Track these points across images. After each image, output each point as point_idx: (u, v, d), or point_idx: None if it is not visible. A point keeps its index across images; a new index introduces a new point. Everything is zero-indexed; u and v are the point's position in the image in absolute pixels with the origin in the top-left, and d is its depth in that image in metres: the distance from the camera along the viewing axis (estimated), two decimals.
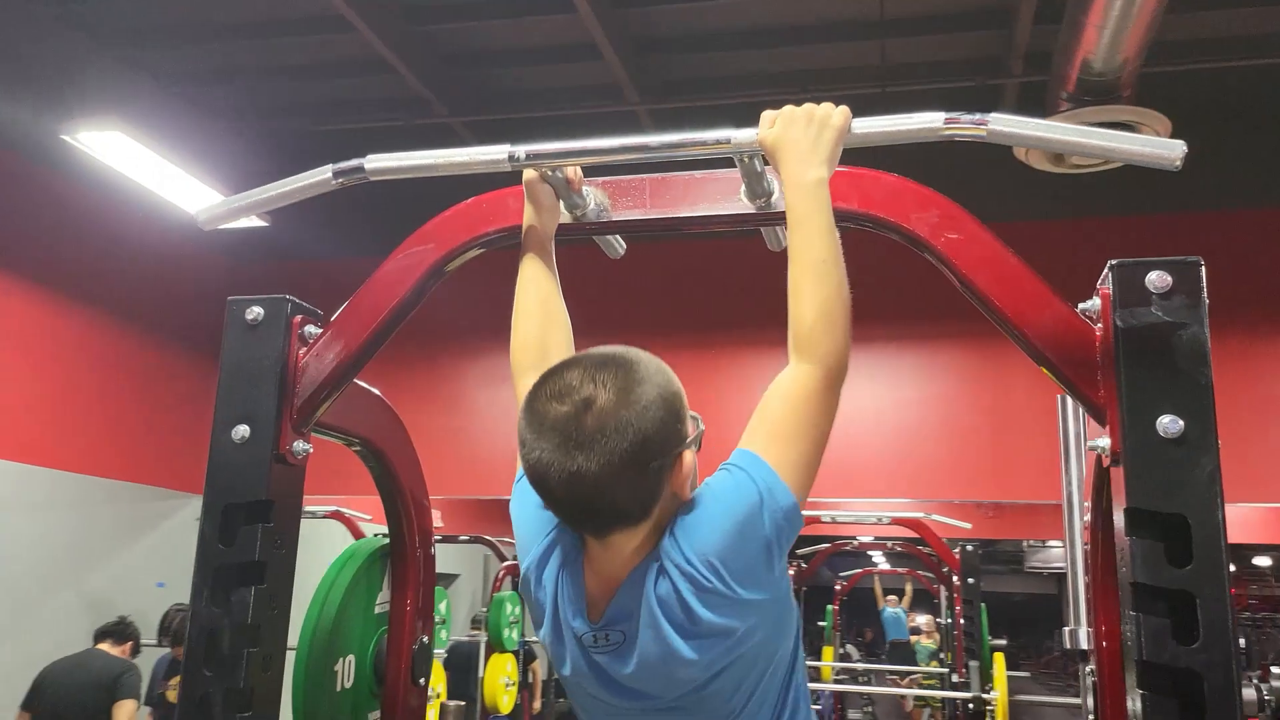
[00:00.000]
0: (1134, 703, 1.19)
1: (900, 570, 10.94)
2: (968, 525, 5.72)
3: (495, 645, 6.70)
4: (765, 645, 1.15)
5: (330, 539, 7.76)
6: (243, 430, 1.46)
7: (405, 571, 1.94)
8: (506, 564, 7.32)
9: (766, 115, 1.35)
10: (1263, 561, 17.14)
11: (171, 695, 5.02)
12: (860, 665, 9.98)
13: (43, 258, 5.52)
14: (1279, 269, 5.38)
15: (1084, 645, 1.75)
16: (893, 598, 11.33)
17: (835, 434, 1.20)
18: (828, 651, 9.23)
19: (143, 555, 6.22)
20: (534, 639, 7.85)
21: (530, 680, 7.69)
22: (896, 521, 5.57)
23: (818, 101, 1.36)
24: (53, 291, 5.57)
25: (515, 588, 7.12)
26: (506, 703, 6.80)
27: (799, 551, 7.42)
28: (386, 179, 1.40)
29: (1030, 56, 5.17)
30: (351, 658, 1.86)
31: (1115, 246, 1.33)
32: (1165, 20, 3.93)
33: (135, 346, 6.19)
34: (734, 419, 1.30)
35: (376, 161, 1.41)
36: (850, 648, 11.03)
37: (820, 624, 10.08)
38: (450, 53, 5.70)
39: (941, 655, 8.15)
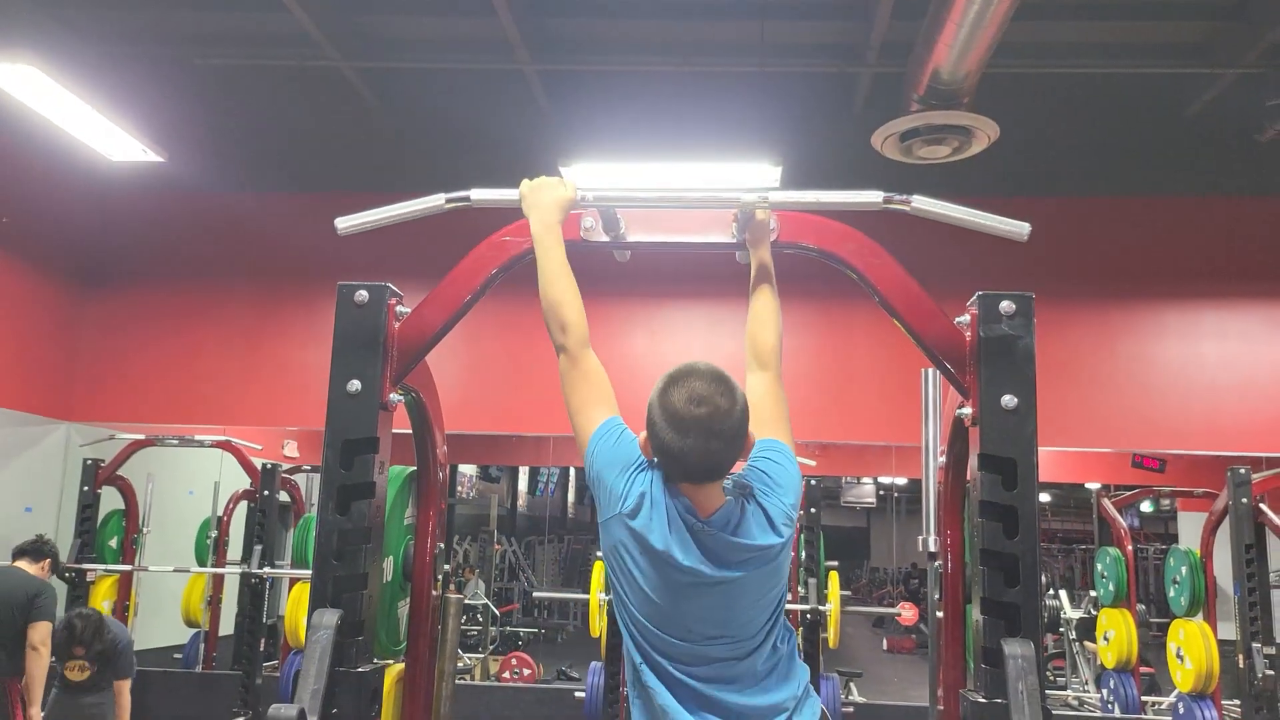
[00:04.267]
0: (976, 575, 1.87)
1: None
2: (813, 463, 6.54)
3: None
4: (786, 560, 1.80)
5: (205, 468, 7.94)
6: (355, 384, 1.95)
7: (429, 494, 2.45)
8: None
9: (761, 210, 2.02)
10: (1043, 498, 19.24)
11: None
12: None
13: None
14: (1089, 249, 6.41)
15: (933, 548, 2.44)
16: None
17: None
18: None
19: (9, 481, 6.25)
20: None
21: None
22: None
23: None
24: None
25: None
26: None
27: None
28: (482, 207, 1.91)
29: (885, 47, 5.83)
30: (391, 558, 2.36)
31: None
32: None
33: (5, 274, 6.18)
34: None
35: (481, 194, 1.92)
36: None
37: None
38: None
39: None
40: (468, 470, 17.00)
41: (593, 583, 5.71)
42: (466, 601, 11.80)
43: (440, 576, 2.45)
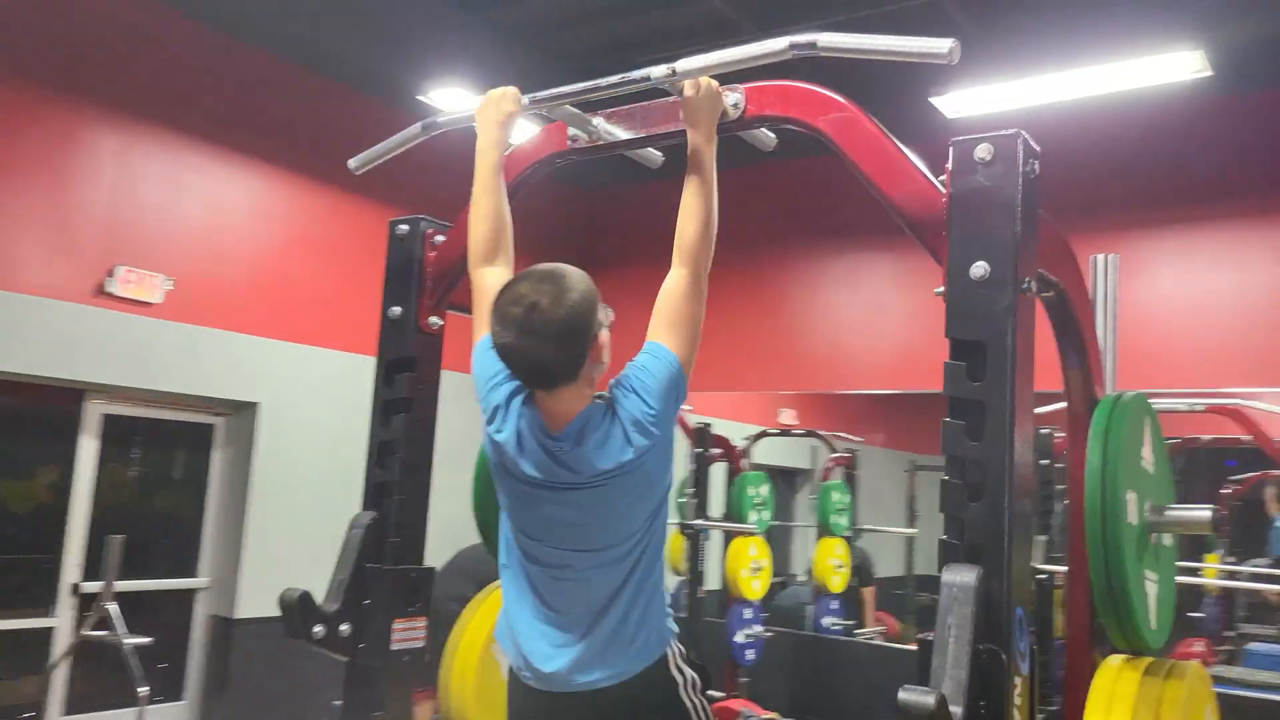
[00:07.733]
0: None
1: None
2: None
3: (823, 530, 7.21)
4: (658, 469, 1.71)
5: None
6: (396, 310, 2.16)
7: None
8: (834, 455, 7.77)
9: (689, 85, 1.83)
10: None
11: None
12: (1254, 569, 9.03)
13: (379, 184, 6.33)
14: None
15: None
16: None
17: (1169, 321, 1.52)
18: (1211, 558, 8.59)
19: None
20: (864, 527, 8.21)
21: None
22: (1212, 410, 5.22)
23: None
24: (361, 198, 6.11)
25: (841, 478, 7.56)
26: (837, 583, 7.30)
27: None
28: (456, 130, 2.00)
29: None
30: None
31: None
32: None
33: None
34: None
35: (445, 118, 2.02)
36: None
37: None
38: None
39: None
40: None
41: None
42: None
43: None
